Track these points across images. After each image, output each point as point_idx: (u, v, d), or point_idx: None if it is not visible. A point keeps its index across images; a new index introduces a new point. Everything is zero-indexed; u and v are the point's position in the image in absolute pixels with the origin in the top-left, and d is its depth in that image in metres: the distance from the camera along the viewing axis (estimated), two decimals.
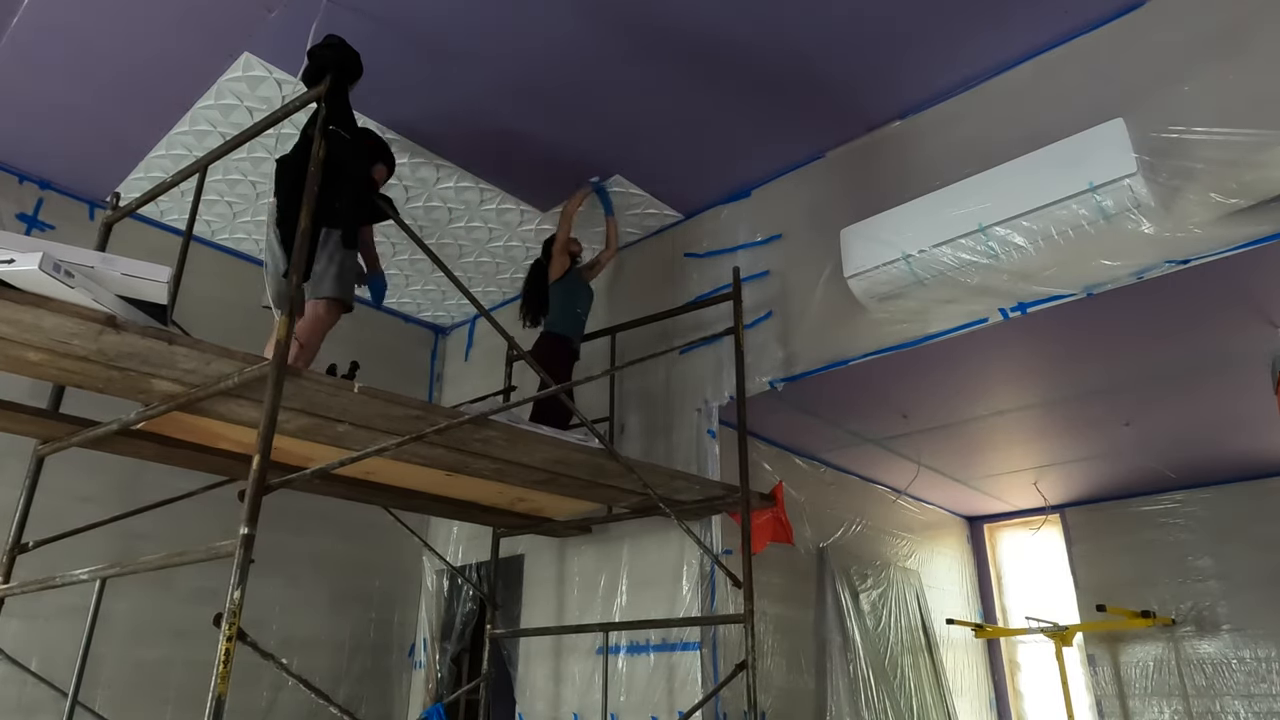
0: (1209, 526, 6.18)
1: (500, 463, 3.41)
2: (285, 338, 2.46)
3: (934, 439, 5.44)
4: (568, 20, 3.48)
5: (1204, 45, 3.20)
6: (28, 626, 3.84)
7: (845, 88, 3.92)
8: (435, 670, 5.29)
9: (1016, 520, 7.40)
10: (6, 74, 3.73)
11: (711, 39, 3.59)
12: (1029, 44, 3.67)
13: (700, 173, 4.55)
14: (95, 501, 3.94)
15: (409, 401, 2.86)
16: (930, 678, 5.88)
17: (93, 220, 4.56)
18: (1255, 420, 4.95)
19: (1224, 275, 3.25)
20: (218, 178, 4.42)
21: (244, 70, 3.73)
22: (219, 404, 2.73)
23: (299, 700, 4.73)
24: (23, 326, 2.29)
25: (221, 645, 2.05)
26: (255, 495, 2.24)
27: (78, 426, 3.01)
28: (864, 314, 3.86)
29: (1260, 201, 2.89)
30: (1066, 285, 3.28)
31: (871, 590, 5.60)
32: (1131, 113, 3.17)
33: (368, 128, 3.81)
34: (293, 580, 4.95)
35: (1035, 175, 3.24)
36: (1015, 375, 4.61)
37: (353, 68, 3.02)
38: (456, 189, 4.60)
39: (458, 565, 5.30)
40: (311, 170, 2.65)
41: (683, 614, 4.12)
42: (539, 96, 3.95)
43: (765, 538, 4.02)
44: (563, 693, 4.51)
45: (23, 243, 2.23)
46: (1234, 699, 5.79)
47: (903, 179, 3.90)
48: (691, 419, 4.48)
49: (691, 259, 4.80)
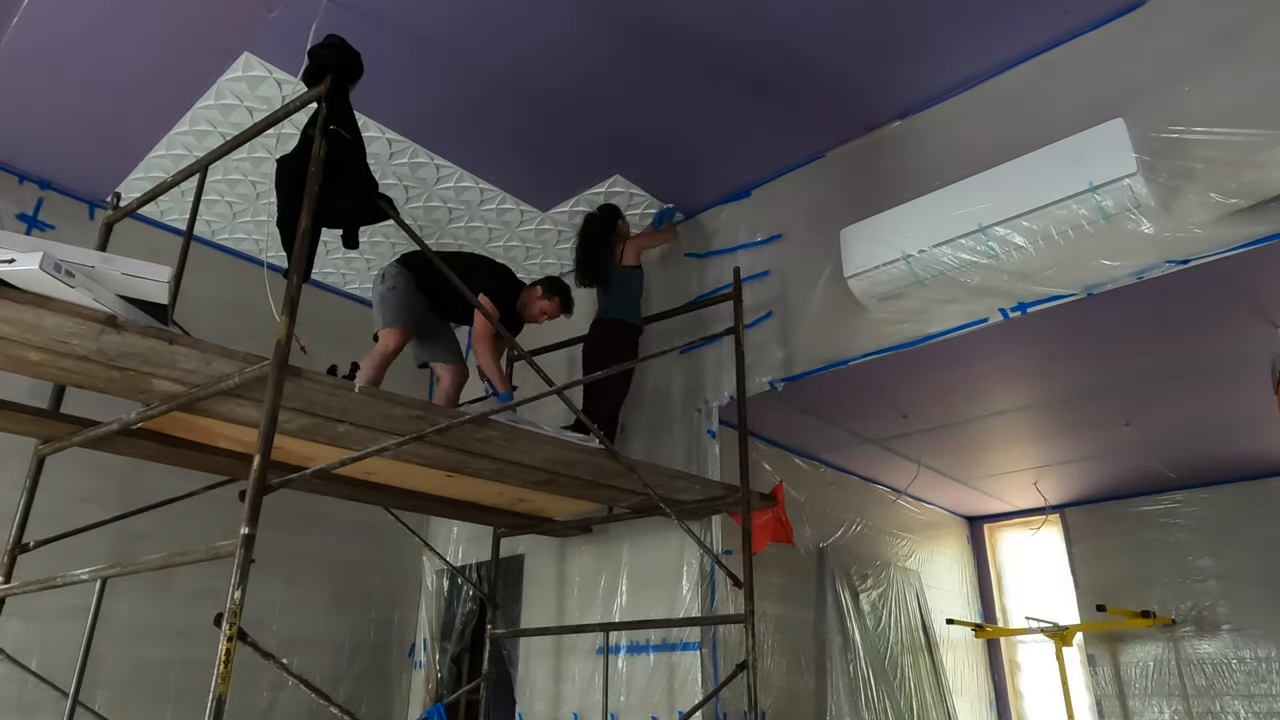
0: (1209, 526, 6.18)
1: (500, 463, 3.41)
2: (286, 337, 2.46)
3: (934, 439, 5.43)
4: (568, 20, 3.48)
5: (1204, 45, 3.20)
6: (28, 626, 3.84)
7: (845, 88, 3.92)
8: (435, 670, 5.29)
9: (1016, 520, 7.39)
10: (6, 74, 3.73)
11: (711, 39, 3.59)
12: (1029, 44, 3.67)
13: (700, 173, 4.55)
14: (95, 501, 3.94)
15: (409, 401, 2.86)
16: (930, 678, 5.87)
17: (93, 220, 4.56)
18: (1255, 420, 4.95)
19: (1224, 275, 3.24)
20: (218, 178, 4.42)
21: (244, 70, 3.73)
22: (219, 404, 2.73)
23: (299, 700, 4.73)
24: (23, 326, 2.29)
25: (222, 645, 2.05)
26: (256, 495, 2.24)
27: (78, 426, 3.00)
28: (864, 314, 3.86)
29: (1260, 201, 2.89)
30: (1066, 285, 3.28)
31: (871, 590, 5.59)
32: (1131, 113, 3.17)
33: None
34: (293, 580, 4.95)
35: (1035, 175, 3.24)
36: (1015, 375, 4.60)
37: (353, 67, 3.01)
38: (456, 189, 4.60)
39: (458, 565, 5.30)
40: (312, 170, 2.65)
41: (683, 614, 4.12)
42: (539, 97, 3.95)
43: (765, 538, 4.01)
44: (563, 693, 4.51)
45: (23, 242, 2.23)
46: (1234, 699, 5.79)
47: (903, 179, 3.90)
48: (691, 419, 4.48)
49: (691, 259, 4.80)
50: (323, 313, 5.29)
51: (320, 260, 5.15)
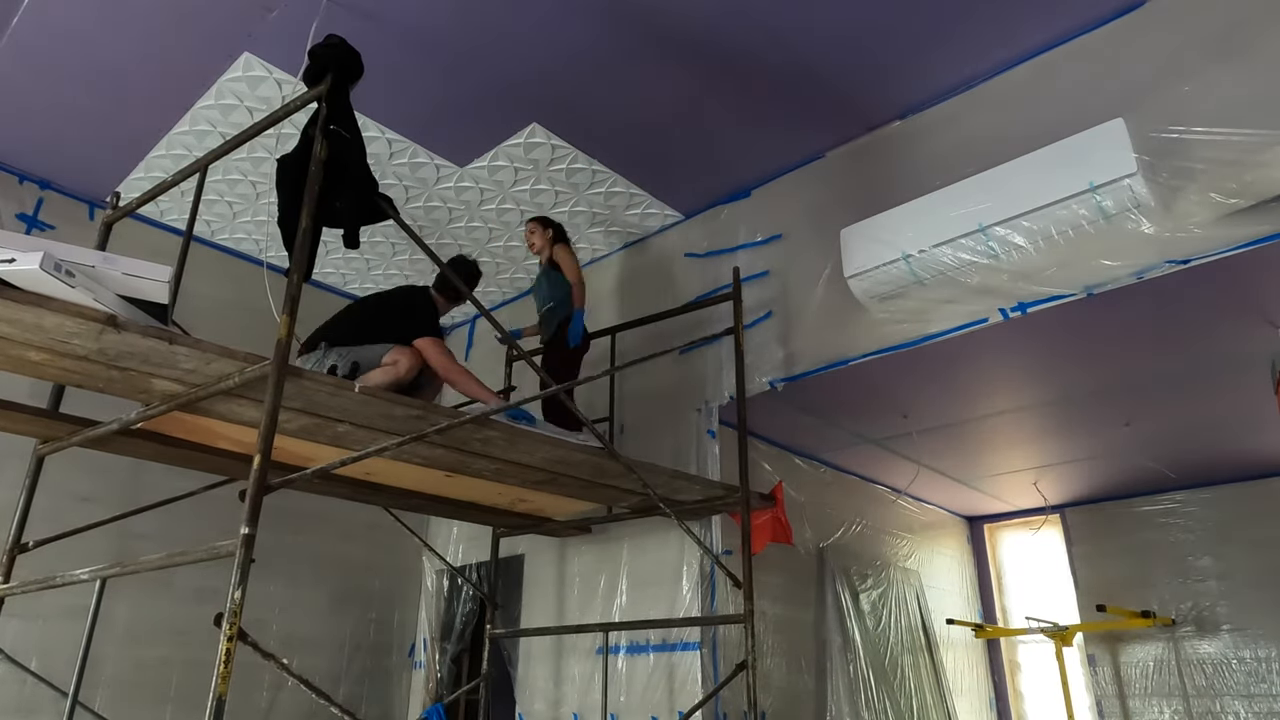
0: (1209, 526, 6.18)
1: (500, 463, 3.40)
2: (286, 337, 2.46)
3: (934, 439, 5.43)
4: (568, 21, 3.48)
5: (1204, 45, 3.20)
6: (28, 626, 3.84)
7: (845, 88, 3.92)
8: (435, 670, 5.29)
9: (1016, 520, 7.39)
10: (7, 74, 3.73)
11: (711, 39, 3.59)
12: (1029, 44, 3.67)
13: (700, 173, 4.55)
14: (95, 501, 3.94)
15: (409, 401, 2.86)
16: (930, 678, 5.88)
17: (93, 220, 4.56)
18: (1255, 420, 4.95)
19: (1224, 275, 3.25)
20: (218, 178, 4.43)
21: (244, 70, 3.73)
22: (219, 404, 2.73)
23: (299, 700, 4.73)
24: (23, 326, 2.29)
25: (222, 645, 2.04)
26: (256, 495, 2.23)
27: (78, 426, 3.00)
28: (864, 314, 3.86)
29: (1260, 201, 2.89)
30: (1066, 285, 3.28)
31: (871, 590, 5.59)
32: (1131, 113, 3.17)
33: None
34: (293, 580, 4.95)
35: (1035, 175, 3.24)
36: (1015, 375, 4.60)
37: (353, 67, 3.01)
38: (456, 189, 4.60)
39: (458, 565, 5.30)
40: (312, 170, 2.65)
41: (683, 614, 4.12)
42: (539, 97, 3.95)
43: (765, 538, 4.02)
44: (563, 693, 4.51)
45: (23, 242, 2.23)
46: (1234, 699, 5.79)
47: (903, 179, 3.90)
48: (691, 419, 4.48)
49: (691, 259, 4.80)
50: (323, 312, 5.26)
51: (320, 260, 5.12)
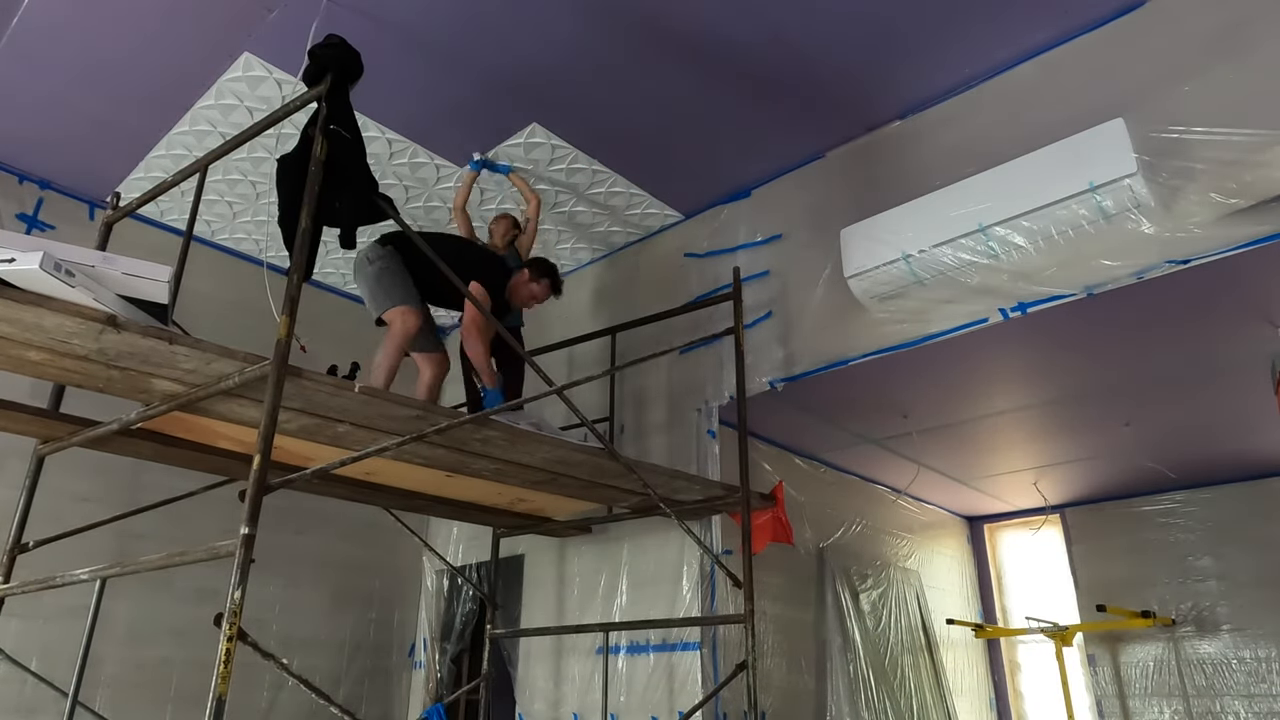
0: (1209, 526, 6.18)
1: (500, 463, 3.40)
2: (286, 337, 2.46)
3: (934, 439, 5.43)
4: (567, 21, 3.48)
5: (1204, 45, 3.20)
6: (28, 626, 3.84)
7: (845, 88, 3.92)
8: (435, 670, 5.29)
9: (1016, 520, 7.40)
10: (7, 74, 3.73)
11: (712, 39, 3.59)
12: (1029, 44, 3.67)
13: (700, 173, 4.55)
14: (95, 501, 3.94)
15: (409, 402, 2.86)
16: (930, 678, 5.88)
17: (93, 220, 4.56)
18: (1255, 420, 4.95)
19: (1224, 275, 3.24)
20: (218, 178, 4.42)
21: (244, 70, 3.73)
22: (219, 404, 2.73)
23: (299, 700, 4.73)
24: (23, 326, 2.29)
25: (222, 645, 2.05)
26: (256, 495, 2.24)
27: (78, 426, 3.00)
28: (864, 314, 3.86)
29: (1260, 201, 2.89)
30: (1066, 285, 3.28)
31: (871, 590, 5.59)
32: (1131, 113, 3.17)
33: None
34: (293, 580, 4.95)
35: (1035, 175, 3.24)
36: (1015, 375, 4.60)
37: (353, 67, 3.01)
38: (456, 189, 4.59)
39: (458, 565, 5.30)
40: (312, 170, 2.65)
41: (683, 614, 4.12)
42: (538, 97, 3.95)
43: (765, 538, 4.01)
44: (563, 693, 4.51)
45: (23, 242, 2.23)
46: (1234, 699, 5.79)
47: (903, 179, 3.90)
48: (691, 419, 4.48)
49: (691, 259, 4.80)
50: (323, 313, 5.29)
51: (320, 260, 5.11)
